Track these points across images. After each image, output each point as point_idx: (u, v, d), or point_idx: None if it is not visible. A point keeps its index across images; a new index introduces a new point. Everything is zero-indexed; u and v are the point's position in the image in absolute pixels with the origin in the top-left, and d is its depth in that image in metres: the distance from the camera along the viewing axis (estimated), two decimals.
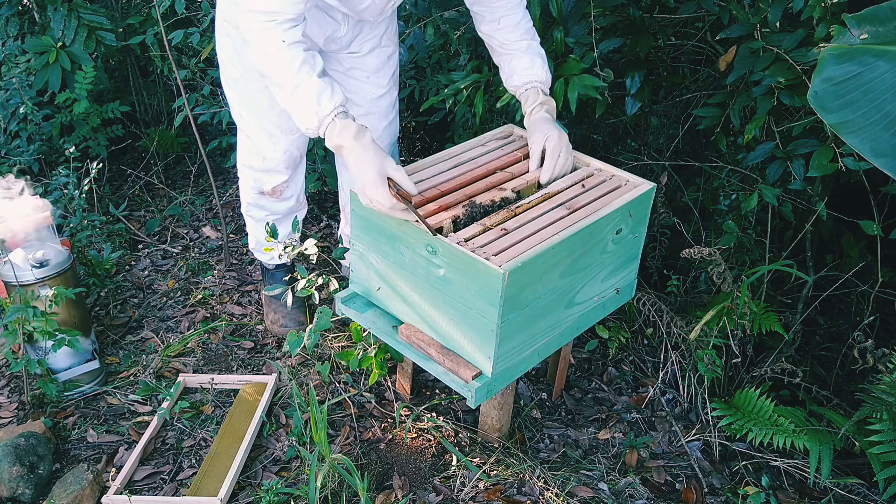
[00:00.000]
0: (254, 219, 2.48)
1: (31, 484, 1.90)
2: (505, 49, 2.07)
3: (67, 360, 2.23)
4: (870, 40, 1.51)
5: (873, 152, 1.49)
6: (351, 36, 2.13)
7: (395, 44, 2.30)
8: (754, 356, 2.37)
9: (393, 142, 2.44)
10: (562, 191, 1.91)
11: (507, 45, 2.07)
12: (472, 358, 1.74)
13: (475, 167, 1.99)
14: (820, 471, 1.92)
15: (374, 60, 2.23)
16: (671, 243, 2.61)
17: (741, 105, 2.27)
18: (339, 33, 2.08)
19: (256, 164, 2.31)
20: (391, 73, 2.32)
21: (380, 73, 2.27)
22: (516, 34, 2.05)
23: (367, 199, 1.74)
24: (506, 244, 1.68)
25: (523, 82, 2.05)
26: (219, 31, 2.12)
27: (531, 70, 2.04)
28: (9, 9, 3.21)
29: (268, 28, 1.70)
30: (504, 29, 2.05)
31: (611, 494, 1.94)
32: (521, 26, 2.06)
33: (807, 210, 2.36)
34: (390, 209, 1.72)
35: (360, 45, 2.18)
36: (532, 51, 2.07)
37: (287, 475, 2.01)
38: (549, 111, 2.04)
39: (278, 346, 2.50)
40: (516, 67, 2.06)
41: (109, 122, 3.37)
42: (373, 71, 2.25)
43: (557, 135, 1.97)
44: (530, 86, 2.05)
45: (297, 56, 1.72)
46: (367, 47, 2.20)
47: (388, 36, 2.24)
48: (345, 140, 1.74)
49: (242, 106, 2.21)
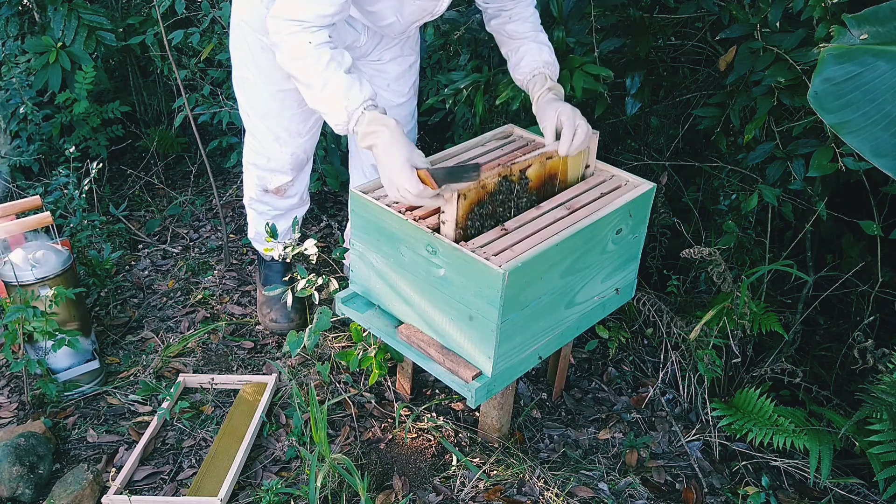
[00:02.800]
0: (256, 211, 2.50)
1: (31, 484, 1.90)
2: (513, 39, 2.06)
3: (67, 360, 2.23)
4: (870, 40, 1.51)
5: (873, 152, 1.49)
6: (371, 45, 2.14)
7: (417, 53, 2.30)
8: (754, 356, 2.37)
9: None
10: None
11: (515, 36, 2.06)
12: (472, 358, 1.74)
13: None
14: (820, 471, 1.92)
15: (396, 69, 2.24)
16: (671, 243, 2.61)
17: (741, 105, 2.27)
18: (358, 42, 2.08)
19: (261, 164, 2.32)
20: (412, 82, 2.32)
21: (400, 81, 2.27)
22: (526, 27, 2.05)
23: (395, 188, 1.71)
24: (506, 244, 1.68)
25: (531, 69, 2.03)
26: (233, 32, 2.13)
27: (539, 56, 2.03)
28: (9, 9, 3.21)
29: (294, 32, 1.72)
30: (514, 22, 2.05)
31: (611, 494, 1.94)
32: (531, 20, 2.06)
33: (807, 210, 2.36)
34: (418, 196, 1.67)
35: (380, 53, 2.19)
36: (540, 40, 2.06)
37: (287, 475, 2.01)
38: (558, 94, 2.00)
39: (278, 346, 2.50)
40: (524, 55, 2.04)
41: (109, 122, 3.37)
42: (393, 79, 2.25)
43: (570, 108, 1.91)
44: (538, 71, 2.02)
45: (324, 54, 1.73)
46: (388, 56, 2.20)
47: (410, 45, 2.24)
48: (375, 130, 1.73)
49: (251, 107, 2.22)
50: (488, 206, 1.77)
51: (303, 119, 2.21)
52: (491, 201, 1.78)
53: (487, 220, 1.78)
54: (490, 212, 1.78)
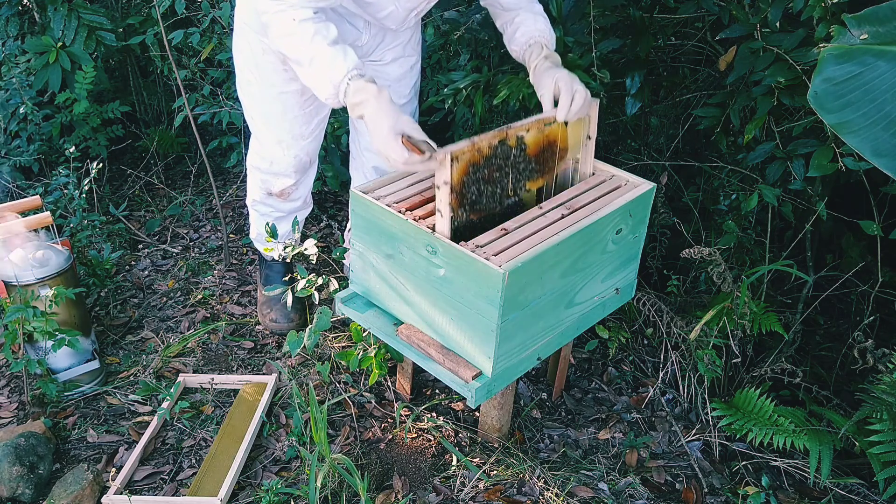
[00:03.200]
0: (259, 213, 2.50)
1: (31, 484, 1.90)
2: (508, 11, 2.03)
3: (67, 360, 2.23)
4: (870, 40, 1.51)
5: (873, 152, 1.49)
6: (373, 44, 2.13)
7: (418, 53, 2.29)
8: (754, 356, 2.37)
9: None
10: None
11: (509, 7, 2.02)
12: (472, 358, 1.74)
13: None
14: (820, 471, 1.92)
15: (397, 70, 2.23)
16: (671, 243, 2.61)
17: (741, 105, 2.27)
18: (360, 41, 2.08)
19: (264, 167, 2.32)
20: (413, 83, 2.32)
21: (402, 82, 2.27)
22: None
23: (384, 156, 1.70)
24: (506, 244, 1.68)
25: (526, 39, 1.99)
26: (236, 35, 2.14)
27: (534, 26, 2.00)
28: (9, 9, 3.21)
29: (280, 10, 1.73)
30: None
31: (611, 494, 1.94)
32: None
33: (807, 210, 2.36)
34: (406, 163, 1.67)
35: (382, 53, 2.18)
36: (535, 10, 2.03)
37: (287, 475, 2.01)
38: (554, 62, 1.95)
39: (278, 346, 2.50)
40: (519, 25, 2.01)
41: (109, 122, 3.37)
42: (395, 80, 2.25)
43: (568, 74, 1.87)
44: (534, 41, 1.99)
45: (308, 29, 1.73)
46: (389, 56, 2.20)
47: (412, 46, 2.24)
48: (361, 100, 1.71)
49: (254, 110, 2.22)
50: (484, 171, 1.75)
51: (305, 121, 2.21)
52: (487, 165, 1.75)
53: (486, 186, 1.76)
54: (487, 177, 1.75)
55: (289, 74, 2.07)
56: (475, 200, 1.75)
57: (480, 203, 1.76)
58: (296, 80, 2.09)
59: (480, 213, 1.79)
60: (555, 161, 1.92)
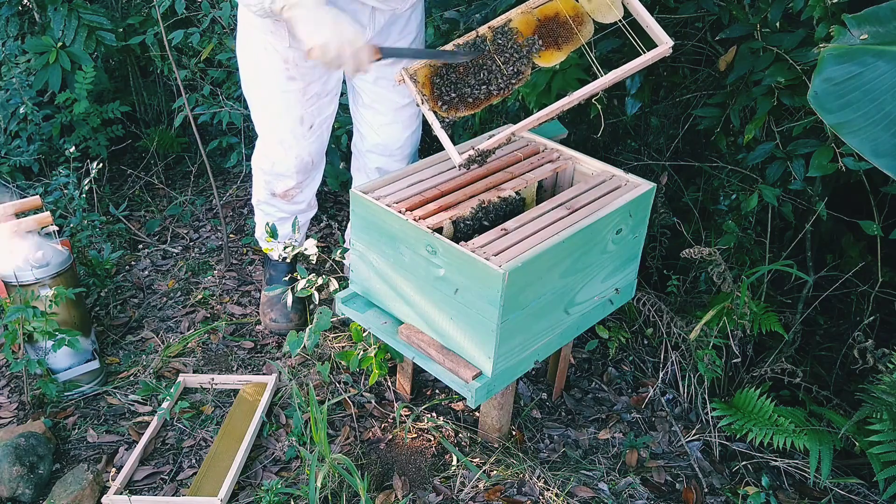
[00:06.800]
0: (263, 212, 2.52)
1: (31, 484, 1.90)
2: None
3: (67, 360, 2.23)
4: (870, 40, 1.51)
5: (873, 152, 1.49)
6: (378, 42, 2.13)
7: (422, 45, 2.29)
8: (754, 356, 2.37)
9: (414, 151, 2.44)
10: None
11: None
12: (472, 358, 1.74)
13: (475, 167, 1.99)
14: (820, 471, 1.92)
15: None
16: (671, 243, 2.61)
17: (741, 105, 2.27)
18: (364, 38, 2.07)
19: (267, 167, 2.33)
20: None
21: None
22: None
23: (347, 58, 1.70)
24: (506, 244, 1.68)
25: None
26: (240, 34, 2.14)
27: None
28: (9, 9, 3.21)
29: None
30: None
31: (611, 494, 1.94)
32: None
33: (807, 210, 2.36)
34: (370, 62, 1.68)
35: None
36: None
37: (287, 475, 2.01)
38: None
39: (278, 346, 2.50)
40: None
41: (109, 122, 3.37)
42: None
43: None
44: None
45: None
46: None
47: (417, 45, 2.24)
48: (295, 3, 1.68)
49: (256, 110, 2.23)
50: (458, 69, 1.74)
51: (307, 121, 2.21)
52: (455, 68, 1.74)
53: (465, 76, 1.74)
54: (463, 70, 1.75)
55: (290, 73, 2.07)
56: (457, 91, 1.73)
57: (463, 91, 1.73)
58: (297, 80, 2.09)
59: (470, 104, 1.78)
60: (570, 30, 1.90)
